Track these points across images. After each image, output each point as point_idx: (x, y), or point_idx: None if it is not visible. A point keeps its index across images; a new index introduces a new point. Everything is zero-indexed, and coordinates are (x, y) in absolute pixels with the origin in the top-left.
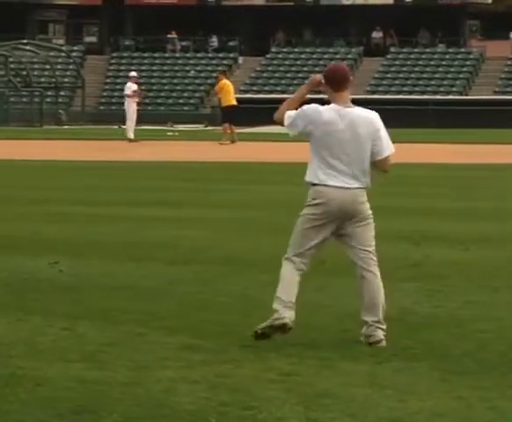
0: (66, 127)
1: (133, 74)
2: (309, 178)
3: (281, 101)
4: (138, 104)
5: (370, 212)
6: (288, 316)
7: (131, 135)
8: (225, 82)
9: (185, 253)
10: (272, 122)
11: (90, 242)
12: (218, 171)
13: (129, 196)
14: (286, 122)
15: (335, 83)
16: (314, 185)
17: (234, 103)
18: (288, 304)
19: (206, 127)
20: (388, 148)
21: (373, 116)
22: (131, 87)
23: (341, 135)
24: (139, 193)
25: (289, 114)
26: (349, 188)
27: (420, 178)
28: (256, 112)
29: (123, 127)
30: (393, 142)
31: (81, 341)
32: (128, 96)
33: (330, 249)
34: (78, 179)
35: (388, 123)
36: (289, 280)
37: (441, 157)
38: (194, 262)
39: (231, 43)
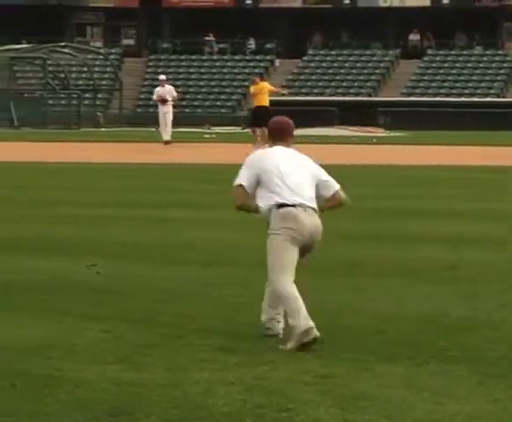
0: (103, 129)
1: (161, 77)
2: (268, 203)
3: (317, 103)
4: (173, 106)
5: None
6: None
7: (164, 138)
8: (265, 83)
9: (216, 255)
10: (310, 124)
11: (124, 243)
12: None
13: (163, 197)
14: (236, 180)
15: (274, 135)
16: (280, 206)
17: (265, 104)
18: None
19: (243, 129)
20: (335, 183)
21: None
22: (158, 92)
23: (286, 161)
24: (173, 195)
25: (238, 176)
26: (312, 210)
27: (455, 180)
28: (290, 115)
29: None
30: (429, 145)
31: (118, 343)
32: (155, 100)
33: (367, 251)
34: (112, 181)
35: (425, 125)
36: (294, 296)
37: (477, 160)
38: (231, 264)
39: (268, 45)
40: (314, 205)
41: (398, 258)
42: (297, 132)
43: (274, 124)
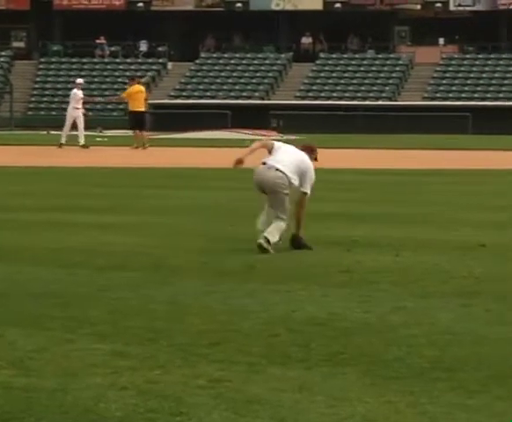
0: None
1: (78, 81)
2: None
3: (209, 106)
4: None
5: None
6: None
7: (62, 140)
8: (141, 87)
9: (115, 259)
10: (203, 128)
11: (18, 248)
12: (147, 177)
13: (58, 202)
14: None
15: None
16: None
17: (143, 109)
18: None
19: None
20: (307, 187)
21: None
22: (77, 94)
23: (287, 149)
24: (68, 199)
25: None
26: (276, 170)
27: (349, 183)
28: (184, 118)
29: (52, 132)
30: (322, 148)
31: (10, 347)
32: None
33: (259, 254)
34: (4, 185)
35: (318, 128)
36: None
37: (370, 163)
38: (124, 268)
39: (160, 48)
40: (283, 168)
41: (291, 261)
42: (189, 135)
43: (303, 146)
